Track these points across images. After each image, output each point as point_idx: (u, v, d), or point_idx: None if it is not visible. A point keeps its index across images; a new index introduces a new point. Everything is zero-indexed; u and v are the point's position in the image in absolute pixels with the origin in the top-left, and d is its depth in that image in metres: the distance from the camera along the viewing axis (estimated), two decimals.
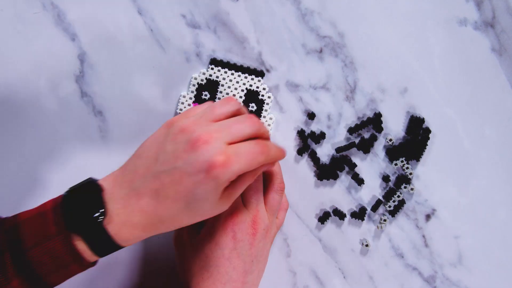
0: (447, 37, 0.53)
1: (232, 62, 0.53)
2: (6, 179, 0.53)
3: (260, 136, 0.42)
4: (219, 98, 0.52)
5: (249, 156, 0.40)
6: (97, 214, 0.39)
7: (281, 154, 0.44)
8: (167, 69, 0.53)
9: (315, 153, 0.53)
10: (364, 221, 0.54)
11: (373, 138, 0.53)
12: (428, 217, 0.54)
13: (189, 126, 0.40)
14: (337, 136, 0.54)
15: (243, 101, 0.52)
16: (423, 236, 0.54)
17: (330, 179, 0.53)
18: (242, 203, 0.47)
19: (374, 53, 0.53)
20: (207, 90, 0.52)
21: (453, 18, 0.53)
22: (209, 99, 0.52)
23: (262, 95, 0.53)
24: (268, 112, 0.53)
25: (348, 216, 0.54)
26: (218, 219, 0.46)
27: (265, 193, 0.49)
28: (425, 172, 0.54)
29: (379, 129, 0.53)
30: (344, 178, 0.54)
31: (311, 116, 0.53)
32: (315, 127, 0.53)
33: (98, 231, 0.39)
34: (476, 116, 0.54)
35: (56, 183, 0.53)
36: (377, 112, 0.53)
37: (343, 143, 0.54)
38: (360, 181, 0.53)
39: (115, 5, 0.52)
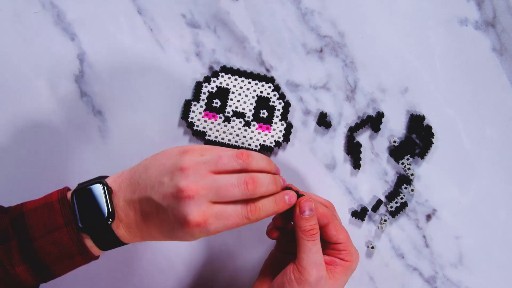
0: (448, 36, 0.53)
1: (242, 69, 0.52)
2: (6, 179, 0.53)
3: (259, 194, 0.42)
4: (230, 106, 0.52)
5: (230, 221, 0.41)
6: (110, 219, 0.42)
7: (280, 209, 0.44)
8: (167, 69, 0.53)
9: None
10: (364, 221, 0.54)
11: (380, 117, 0.53)
12: (428, 217, 0.54)
13: (188, 168, 0.42)
14: (338, 136, 0.54)
15: (254, 108, 0.52)
16: (424, 237, 0.54)
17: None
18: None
19: (375, 52, 0.53)
20: (218, 98, 0.52)
21: (453, 17, 0.53)
22: (220, 107, 0.52)
23: (273, 101, 0.52)
24: (280, 118, 0.52)
25: (348, 214, 0.54)
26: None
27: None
28: (426, 172, 0.54)
29: (377, 129, 0.53)
30: (345, 177, 0.54)
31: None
32: (315, 126, 0.53)
33: (107, 232, 0.42)
34: (477, 116, 0.54)
35: (56, 183, 0.53)
36: (380, 111, 0.53)
37: (343, 143, 0.53)
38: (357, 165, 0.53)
39: (115, 5, 0.52)
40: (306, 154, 0.54)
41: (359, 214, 0.53)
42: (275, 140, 0.53)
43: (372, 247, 0.53)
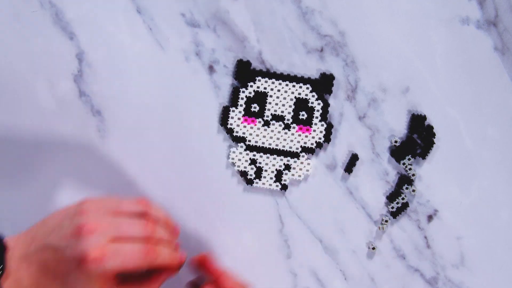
0: (449, 36, 0.53)
1: (278, 72, 0.52)
2: (4, 179, 0.52)
3: (157, 241, 0.42)
4: (268, 110, 0.52)
5: (128, 258, 0.40)
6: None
7: (175, 261, 0.44)
8: (166, 68, 0.53)
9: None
10: (365, 223, 0.54)
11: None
12: (430, 218, 0.54)
13: (88, 211, 0.41)
14: (338, 136, 0.53)
15: (293, 110, 0.52)
16: (425, 237, 0.54)
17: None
18: None
19: (376, 52, 0.53)
20: (256, 102, 0.52)
21: (455, 16, 0.53)
22: (259, 111, 0.52)
23: (312, 102, 0.52)
24: (319, 119, 0.52)
25: (349, 215, 0.54)
26: None
27: None
28: (427, 173, 0.53)
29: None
30: (346, 178, 0.54)
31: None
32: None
33: None
34: (479, 116, 0.53)
35: (54, 183, 0.53)
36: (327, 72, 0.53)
37: (345, 143, 0.53)
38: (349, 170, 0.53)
39: (114, 4, 0.52)
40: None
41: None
42: (316, 141, 0.52)
43: (373, 248, 0.53)
